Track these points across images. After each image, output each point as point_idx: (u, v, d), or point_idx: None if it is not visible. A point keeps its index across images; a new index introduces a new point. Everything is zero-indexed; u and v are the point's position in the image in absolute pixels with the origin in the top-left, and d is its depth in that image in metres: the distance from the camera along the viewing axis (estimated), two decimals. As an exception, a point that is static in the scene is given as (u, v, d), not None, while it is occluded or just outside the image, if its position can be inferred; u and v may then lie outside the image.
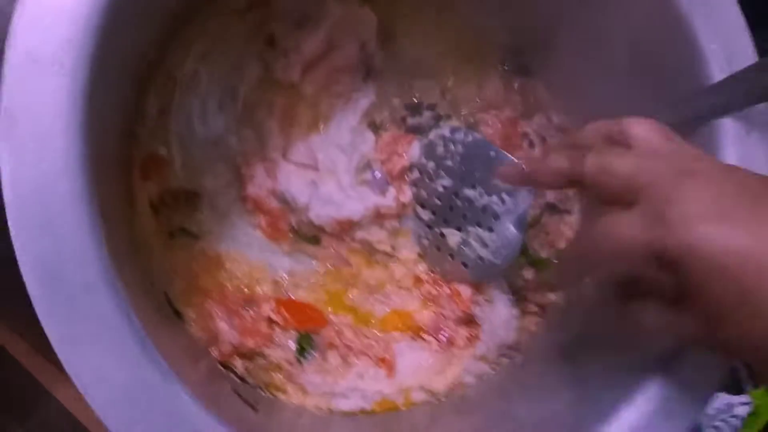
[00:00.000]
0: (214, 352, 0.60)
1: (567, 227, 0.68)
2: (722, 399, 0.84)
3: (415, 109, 0.68)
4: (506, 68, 0.70)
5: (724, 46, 0.51)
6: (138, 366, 0.38)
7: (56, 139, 0.38)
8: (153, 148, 0.61)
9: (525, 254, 0.67)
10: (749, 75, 0.49)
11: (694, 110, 0.51)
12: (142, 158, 0.61)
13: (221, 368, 0.60)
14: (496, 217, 0.61)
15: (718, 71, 0.51)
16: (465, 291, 0.65)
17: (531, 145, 0.70)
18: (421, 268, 0.67)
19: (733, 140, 0.50)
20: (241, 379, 0.60)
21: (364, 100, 0.67)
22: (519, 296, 0.67)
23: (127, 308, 0.39)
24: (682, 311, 0.39)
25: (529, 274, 0.67)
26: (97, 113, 0.42)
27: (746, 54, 0.50)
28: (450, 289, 0.66)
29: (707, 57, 0.51)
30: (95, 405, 0.36)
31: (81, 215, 0.38)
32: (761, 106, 0.50)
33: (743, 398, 0.85)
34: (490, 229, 0.61)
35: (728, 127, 0.50)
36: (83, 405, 0.69)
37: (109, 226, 0.47)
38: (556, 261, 0.68)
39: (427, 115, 0.68)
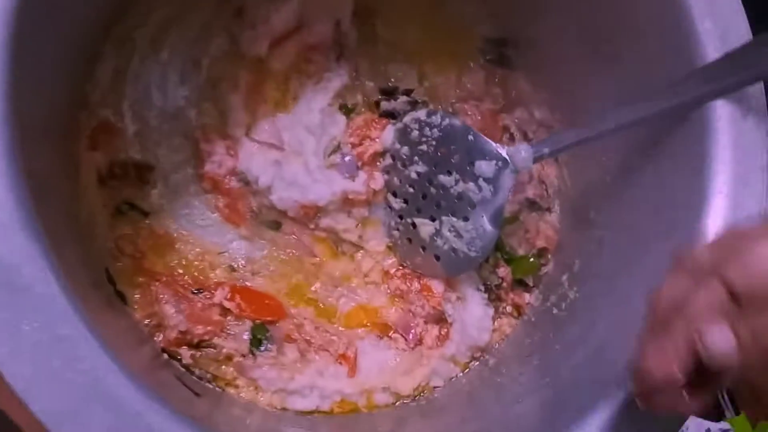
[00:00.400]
0: (159, 339, 0.54)
1: (547, 225, 0.64)
2: (700, 425, 0.80)
3: (390, 94, 0.64)
4: (488, 59, 0.66)
5: (718, 24, 0.47)
6: (57, 320, 0.33)
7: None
8: (104, 115, 0.57)
9: (501, 251, 0.63)
10: (744, 54, 0.46)
11: (687, 93, 0.48)
12: (91, 126, 0.56)
13: (165, 356, 0.55)
14: (472, 205, 0.57)
15: (712, 50, 0.47)
16: (436, 287, 0.61)
17: (511, 138, 0.66)
18: (390, 261, 0.63)
19: (728, 125, 0.47)
20: (187, 368, 0.55)
21: (336, 80, 0.63)
22: (494, 295, 0.63)
23: (51, 257, 0.34)
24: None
25: (504, 272, 0.63)
26: (27, 52, 0.38)
27: (741, 32, 0.47)
28: (420, 284, 0.62)
29: (701, 36, 0.48)
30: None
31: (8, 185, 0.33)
32: (757, 89, 0.47)
33: (722, 425, 0.81)
34: (465, 219, 0.57)
35: (723, 112, 0.47)
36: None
37: (47, 194, 0.43)
38: (532, 260, 0.64)
39: (402, 100, 0.64)
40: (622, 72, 0.54)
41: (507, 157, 0.54)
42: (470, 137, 0.56)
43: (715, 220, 0.45)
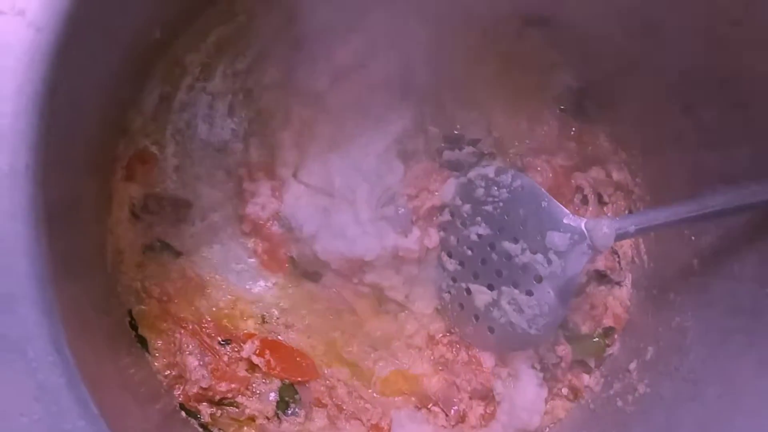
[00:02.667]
0: (178, 392, 0.50)
1: (616, 302, 0.57)
2: None
3: (454, 142, 0.59)
4: (563, 108, 0.60)
5: None
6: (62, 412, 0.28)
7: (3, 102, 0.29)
8: (144, 144, 0.52)
9: (563, 327, 0.57)
10: None
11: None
12: (129, 155, 0.52)
13: (182, 413, 0.50)
14: (539, 279, 0.50)
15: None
16: (486, 360, 0.55)
17: (584, 201, 0.60)
18: (437, 326, 0.57)
19: None
20: (205, 427, 0.50)
21: (398, 123, 0.57)
22: (549, 374, 0.56)
23: (59, 326, 0.30)
24: None
25: (564, 350, 0.56)
26: (69, 85, 0.34)
27: None
28: (468, 355, 0.56)
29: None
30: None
31: (15, 205, 0.28)
32: None
33: None
34: (529, 293, 0.51)
35: None
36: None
37: (73, 226, 0.38)
38: (596, 339, 0.57)
39: (467, 150, 0.58)
40: (726, 142, 0.47)
41: (585, 232, 0.48)
42: (544, 203, 0.50)
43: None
